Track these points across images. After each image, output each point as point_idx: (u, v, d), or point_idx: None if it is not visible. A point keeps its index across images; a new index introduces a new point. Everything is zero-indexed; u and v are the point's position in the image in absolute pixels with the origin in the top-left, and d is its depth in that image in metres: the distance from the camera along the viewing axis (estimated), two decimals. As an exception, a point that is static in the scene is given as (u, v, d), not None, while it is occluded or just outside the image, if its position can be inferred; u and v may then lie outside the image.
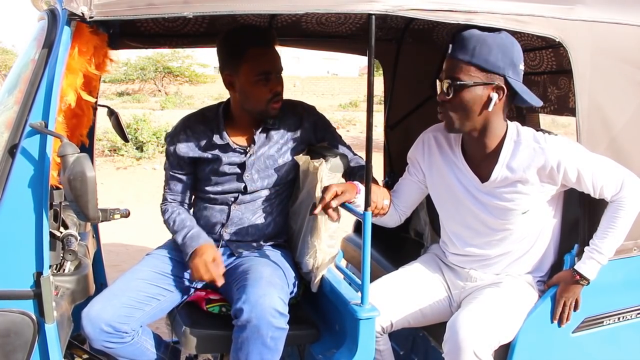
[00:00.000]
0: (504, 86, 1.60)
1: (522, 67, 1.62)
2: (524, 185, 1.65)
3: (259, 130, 1.92)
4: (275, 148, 1.93)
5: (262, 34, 1.87)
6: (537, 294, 1.77)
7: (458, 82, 1.58)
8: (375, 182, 1.68)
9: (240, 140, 1.93)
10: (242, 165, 1.90)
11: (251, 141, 1.92)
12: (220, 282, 1.76)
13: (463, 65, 1.58)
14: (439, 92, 1.63)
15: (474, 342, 1.55)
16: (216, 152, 1.90)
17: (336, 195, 1.65)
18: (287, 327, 1.65)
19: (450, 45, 1.60)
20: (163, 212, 1.98)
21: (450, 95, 1.60)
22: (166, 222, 1.96)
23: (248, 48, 1.81)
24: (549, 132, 1.85)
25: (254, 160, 1.90)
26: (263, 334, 1.60)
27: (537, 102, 1.63)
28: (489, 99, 1.59)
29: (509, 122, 1.70)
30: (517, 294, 1.73)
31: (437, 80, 1.64)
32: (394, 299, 1.79)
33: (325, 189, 1.68)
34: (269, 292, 1.63)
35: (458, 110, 1.61)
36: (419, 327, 1.90)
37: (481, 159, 1.72)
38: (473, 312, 1.62)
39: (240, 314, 1.61)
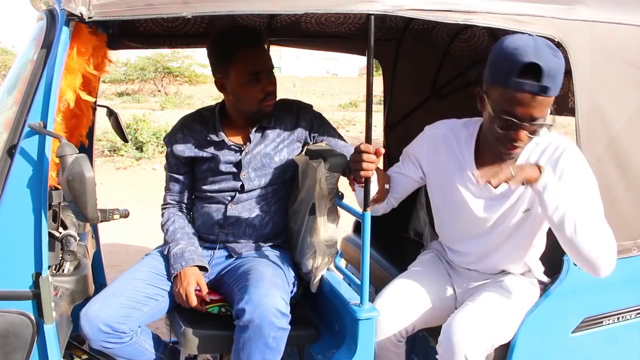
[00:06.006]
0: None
1: None
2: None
3: (255, 128, 1.92)
4: (272, 146, 1.93)
5: (249, 34, 1.85)
6: (538, 293, 1.77)
7: (547, 121, 1.46)
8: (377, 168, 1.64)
9: (236, 139, 1.93)
10: (238, 164, 1.91)
11: (247, 140, 1.92)
12: (199, 308, 1.79)
13: (551, 100, 1.46)
14: (524, 131, 1.47)
15: (466, 346, 1.54)
16: (212, 149, 1.91)
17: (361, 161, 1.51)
18: (289, 327, 1.64)
19: (546, 86, 1.40)
20: (161, 216, 2.00)
21: (538, 134, 1.49)
22: (162, 228, 1.97)
23: (236, 50, 1.80)
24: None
25: (249, 159, 1.91)
26: (265, 334, 1.59)
27: None
28: None
29: None
30: (518, 293, 1.72)
31: (528, 122, 1.45)
32: (409, 305, 1.77)
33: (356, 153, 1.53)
34: (271, 292, 1.63)
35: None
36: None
37: (496, 163, 1.63)
38: (468, 316, 1.61)
39: (242, 314, 1.60)
